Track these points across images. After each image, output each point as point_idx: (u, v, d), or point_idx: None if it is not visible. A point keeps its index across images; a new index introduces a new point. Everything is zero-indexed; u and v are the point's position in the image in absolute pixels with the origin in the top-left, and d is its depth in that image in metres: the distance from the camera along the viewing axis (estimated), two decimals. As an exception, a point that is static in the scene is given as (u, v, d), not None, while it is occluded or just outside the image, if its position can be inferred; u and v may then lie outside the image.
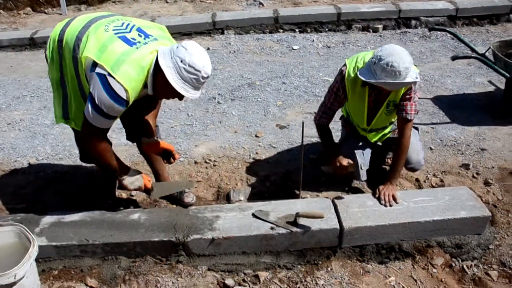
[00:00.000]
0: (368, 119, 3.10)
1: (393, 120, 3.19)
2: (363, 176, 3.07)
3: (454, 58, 4.13)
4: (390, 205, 2.87)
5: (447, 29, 4.69)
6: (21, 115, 4.59)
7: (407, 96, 2.91)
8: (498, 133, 3.98)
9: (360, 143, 3.27)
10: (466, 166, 3.59)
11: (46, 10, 7.77)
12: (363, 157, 3.12)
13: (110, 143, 2.71)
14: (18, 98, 4.96)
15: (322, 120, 3.14)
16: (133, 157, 3.77)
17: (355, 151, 3.07)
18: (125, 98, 2.34)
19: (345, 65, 2.96)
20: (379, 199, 2.92)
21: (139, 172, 2.82)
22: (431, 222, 2.77)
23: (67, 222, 2.83)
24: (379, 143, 3.37)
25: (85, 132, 2.54)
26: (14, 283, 2.24)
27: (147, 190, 2.88)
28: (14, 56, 6.20)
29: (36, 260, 2.62)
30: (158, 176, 3.23)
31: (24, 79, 5.43)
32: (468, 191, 3.03)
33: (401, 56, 2.61)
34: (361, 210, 2.83)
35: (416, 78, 2.71)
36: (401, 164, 3.03)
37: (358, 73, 2.76)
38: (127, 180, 2.74)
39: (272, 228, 2.70)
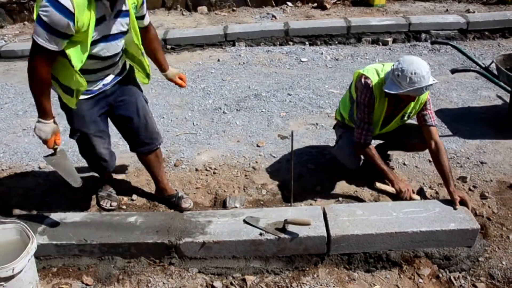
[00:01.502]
0: (381, 127, 3.31)
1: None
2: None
3: (453, 71, 4.18)
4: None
5: (450, 42, 4.73)
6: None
7: (427, 106, 3.15)
8: (500, 147, 4.00)
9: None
10: (463, 179, 3.61)
11: (67, 21, 8.05)
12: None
13: (49, 84, 2.61)
14: (35, 105, 5.16)
15: (368, 139, 3.22)
16: (138, 163, 3.89)
17: (421, 187, 3.28)
18: (69, 8, 2.25)
19: (366, 77, 3.09)
20: (466, 204, 3.02)
21: (56, 129, 2.75)
22: (418, 233, 2.82)
23: (68, 223, 2.99)
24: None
25: (31, 52, 2.43)
26: (12, 277, 2.38)
27: (50, 153, 2.85)
28: (34, 65, 6.45)
29: (37, 257, 2.79)
30: (158, 183, 3.35)
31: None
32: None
33: (420, 63, 2.86)
34: (349, 219, 2.89)
35: (434, 80, 2.91)
36: (449, 166, 3.14)
37: (384, 87, 2.97)
38: (38, 126, 2.68)
39: (261, 234, 2.79)
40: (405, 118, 3.27)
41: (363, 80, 3.10)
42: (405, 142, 3.50)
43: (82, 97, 2.78)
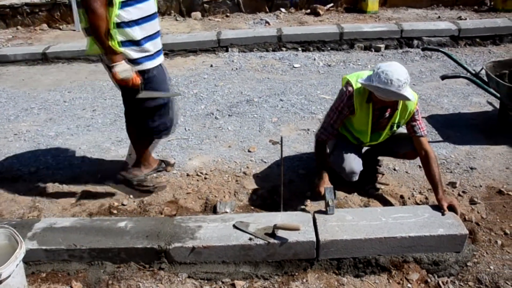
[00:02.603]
0: (371, 136, 3.31)
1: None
2: (330, 210, 3.05)
3: (443, 78, 4.21)
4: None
5: (440, 49, 4.76)
6: (27, 126, 4.80)
7: (416, 117, 3.18)
8: (490, 153, 4.03)
9: (351, 149, 3.40)
10: (453, 184, 3.63)
11: (61, 27, 8.09)
12: (331, 194, 3.11)
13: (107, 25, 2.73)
14: (27, 110, 5.19)
15: (321, 137, 3.31)
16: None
17: (325, 188, 3.10)
18: None
19: (349, 84, 3.14)
20: (455, 210, 3.02)
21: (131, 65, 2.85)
22: (407, 238, 2.83)
23: (58, 228, 2.99)
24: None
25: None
26: (0, 282, 2.37)
27: (135, 89, 2.92)
28: (27, 70, 6.47)
29: (27, 262, 2.78)
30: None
31: (34, 92, 5.67)
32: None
33: (397, 69, 2.85)
34: (339, 224, 2.90)
35: (412, 98, 2.92)
36: (439, 174, 3.15)
37: (359, 80, 2.99)
38: (119, 67, 2.77)
39: (250, 239, 2.79)
40: (394, 128, 3.28)
41: (345, 87, 3.15)
42: (397, 151, 3.52)
43: (158, 62, 3.03)
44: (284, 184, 3.32)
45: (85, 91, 5.64)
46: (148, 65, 2.97)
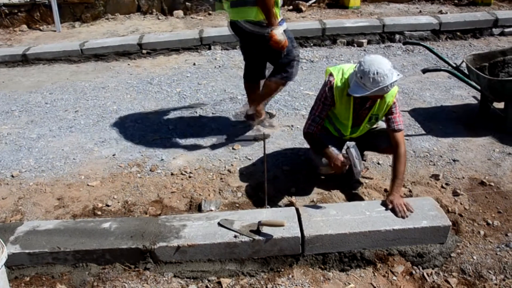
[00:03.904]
0: (352, 128, 3.30)
1: (372, 127, 3.42)
2: (360, 166, 3.10)
3: (424, 71, 4.25)
4: (407, 216, 2.93)
5: (421, 42, 4.80)
6: (8, 129, 4.73)
7: (393, 110, 3.14)
8: (472, 145, 4.07)
9: (333, 143, 3.39)
10: (436, 177, 3.67)
11: (41, 28, 7.98)
12: (357, 152, 3.14)
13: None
14: (7, 112, 5.11)
15: (311, 128, 3.27)
16: (112, 168, 3.90)
17: (350, 148, 3.11)
18: None
19: (331, 75, 3.14)
20: (393, 211, 2.97)
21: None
22: (391, 231, 2.86)
23: (41, 231, 2.95)
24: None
25: None
26: (-18, 288, 2.35)
27: (279, 50, 3.80)
28: (6, 72, 6.38)
29: (9, 267, 2.75)
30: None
31: (14, 94, 5.59)
32: (431, 201, 3.12)
33: (380, 61, 2.85)
34: (323, 219, 2.91)
35: (398, 75, 2.90)
36: (403, 171, 3.14)
37: (349, 91, 2.98)
38: (278, 30, 3.67)
39: (235, 236, 2.79)
40: (373, 120, 3.27)
41: (328, 78, 3.15)
42: (378, 146, 3.52)
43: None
44: (269, 181, 3.33)
45: (67, 92, 5.58)
46: (285, 26, 3.83)
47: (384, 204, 3.05)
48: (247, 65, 4.35)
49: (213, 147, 4.17)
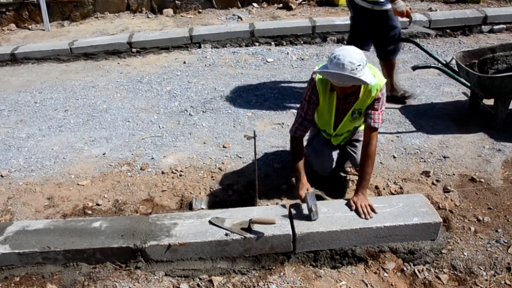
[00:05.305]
0: (335, 125, 3.24)
1: (356, 125, 3.33)
2: (314, 216, 2.92)
3: (414, 68, 4.27)
4: (371, 217, 2.90)
5: (410, 39, 4.82)
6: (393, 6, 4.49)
7: (375, 106, 3.03)
8: (462, 141, 4.09)
9: (326, 143, 3.42)
10: (426, 174, 3.69)
11: (30, 26, 7.90)
12: (313, 199, 3.01)
13: None
14: (-3, 113, 5.07)
15: (298, 132, 3.16)
16: (103, 167, 3.88)
17: (306, 193, 3.00)
18: None
19: (314, 73, 3.07)
20: (357, 212, 2.94)
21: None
22: (382, 228, 2.86)
23: (31, 231, 2.93)
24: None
25: None
26: (-30, 289, 2.32)
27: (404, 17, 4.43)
28: (-5, 71, 6.32)
29: (-1, 268, 2.72)
30: None
31: (3, 94, 5.53)
32: (422, 198, 3.12)
33: (350, 52, 2.74)
34: (315, 217, 2.92)
35: (370, 82, 2.77)
36: (370, 172, 3.08)
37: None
38: (399, 4, 4.29)
39: (226, 234, 2.78)
40: (356, 114, 3.14)
41: (311, 76, 3.09)
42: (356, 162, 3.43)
43: None
44: (260, 179, 3.33)
45: (56, 91, 5.53)
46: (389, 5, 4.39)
47: (348, 204, 3.02)
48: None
49: (204, 145, 4.16)
